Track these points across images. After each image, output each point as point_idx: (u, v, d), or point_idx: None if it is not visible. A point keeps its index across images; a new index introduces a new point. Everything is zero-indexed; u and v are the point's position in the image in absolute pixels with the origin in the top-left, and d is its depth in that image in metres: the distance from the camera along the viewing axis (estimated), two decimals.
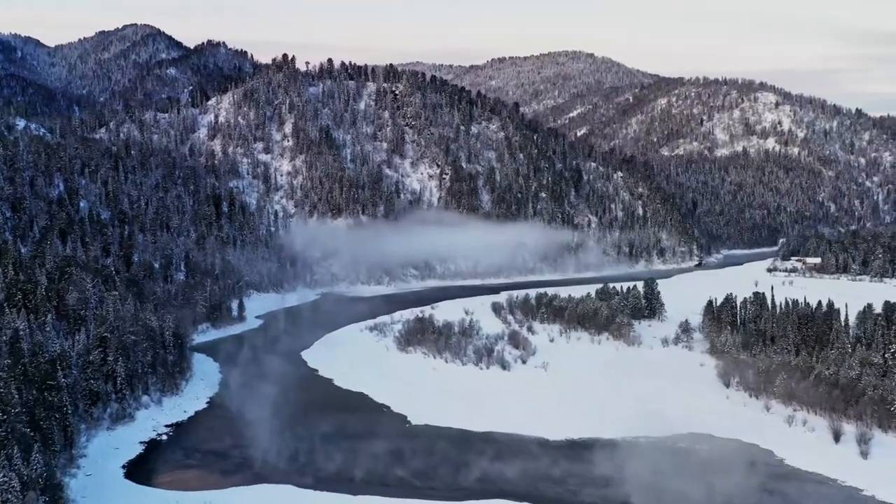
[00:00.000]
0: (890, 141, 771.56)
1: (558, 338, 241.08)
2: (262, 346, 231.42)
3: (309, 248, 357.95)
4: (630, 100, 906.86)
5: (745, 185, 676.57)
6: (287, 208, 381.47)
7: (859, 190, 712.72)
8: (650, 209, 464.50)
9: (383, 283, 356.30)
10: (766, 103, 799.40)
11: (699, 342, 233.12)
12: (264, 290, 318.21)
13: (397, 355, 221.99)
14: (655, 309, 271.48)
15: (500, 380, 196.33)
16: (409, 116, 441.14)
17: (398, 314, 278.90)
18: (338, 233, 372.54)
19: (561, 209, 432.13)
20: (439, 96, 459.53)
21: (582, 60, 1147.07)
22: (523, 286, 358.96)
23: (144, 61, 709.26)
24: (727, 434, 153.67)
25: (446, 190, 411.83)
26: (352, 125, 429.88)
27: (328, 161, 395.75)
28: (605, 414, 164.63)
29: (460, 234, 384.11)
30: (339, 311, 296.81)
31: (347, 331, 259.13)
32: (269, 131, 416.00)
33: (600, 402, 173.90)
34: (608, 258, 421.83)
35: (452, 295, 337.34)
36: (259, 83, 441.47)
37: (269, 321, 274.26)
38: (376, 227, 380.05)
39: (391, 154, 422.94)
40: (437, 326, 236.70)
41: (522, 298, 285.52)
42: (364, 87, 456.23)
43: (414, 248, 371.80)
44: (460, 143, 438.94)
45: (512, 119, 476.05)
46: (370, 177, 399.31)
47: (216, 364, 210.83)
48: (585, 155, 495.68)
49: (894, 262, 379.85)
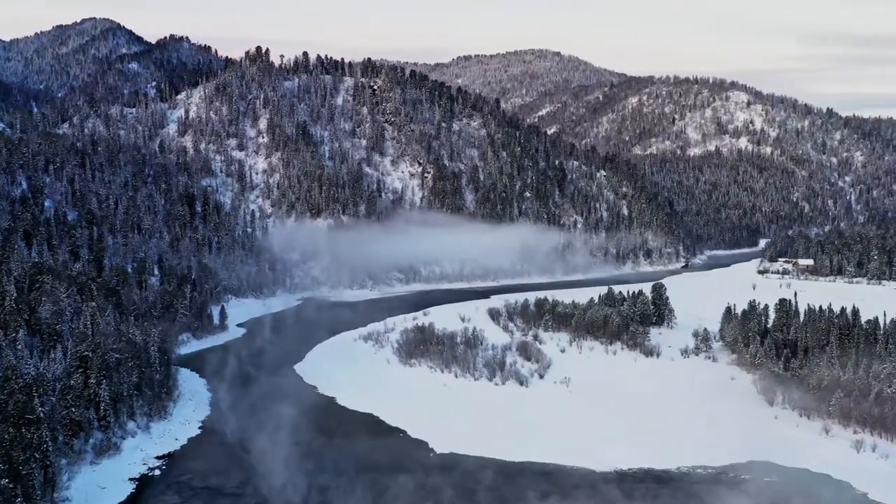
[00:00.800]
0: (861, 141, 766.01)
1: (569, 348, 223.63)
2: (251, 359, 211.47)
3: (288, 251, 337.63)
4: (600, 98, 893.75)
5: (720, 184, 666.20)
6: (264, 208, 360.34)
7: (832, 190, 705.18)
8: (635, 209, 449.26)
9: (367, 287, 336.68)
10: (738, 102, 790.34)
11: (720, 352, 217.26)
12: (243, 295, 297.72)
13: (401, 369, 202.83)
14: (664, 315, 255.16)
15: (519, 398, 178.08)
16: (389, 112, 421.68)
17: (390, 321, 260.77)
18: (318, 234, 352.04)
19: (546, 209, 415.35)
20: (419, 92, 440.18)
21: (549, 59, 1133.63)
22: (513, 289, 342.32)
23: (104, 56, 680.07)
24: (791, 462, 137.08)
25: (429, 189, 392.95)
26: (329, 121, 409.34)
27: (306, 158, 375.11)
28: (648, 439, 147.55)
29: (445, 236, 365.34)
30: (325, 317, 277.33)
31: (340, 340, 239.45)
32: (243, 127, 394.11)
33: (639, 423, 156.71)
34: (595, 260, 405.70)
35: (440, 299, 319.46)
36: (231, 77, 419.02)
37: (253, 330, 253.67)
38: (358, 228, 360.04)
39: (371, 151, 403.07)
40: (440, 336, 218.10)
41: (522, 304, 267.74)
42: (341, 81, 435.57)
43: (397, 250, 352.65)
44: (442, 140, 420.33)
45: (493, 116, 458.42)
46: (350, 175, 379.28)
47: (203, 381, 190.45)
48: (567, 153, 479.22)
49: (891, 264, 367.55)
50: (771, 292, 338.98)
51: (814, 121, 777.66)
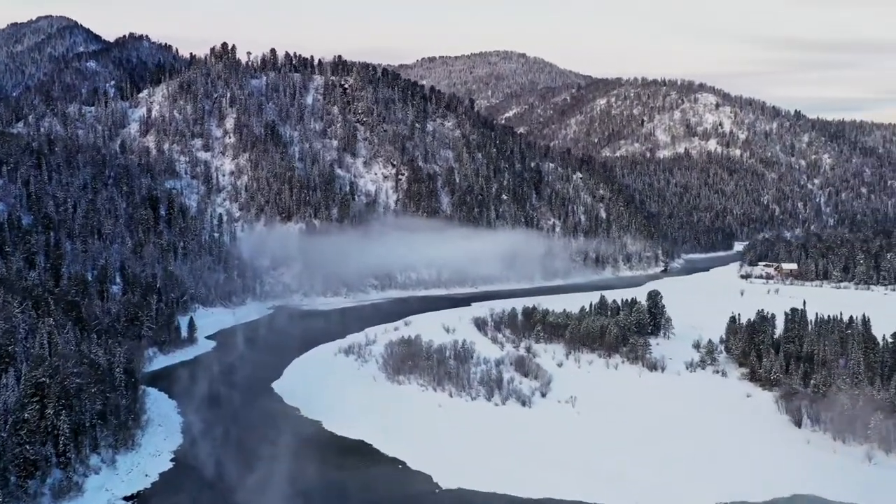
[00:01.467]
0: (828, 143, 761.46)
1: (566, 361, 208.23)
2: (224, 376, 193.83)
3: (258, 256, 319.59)
4: (568, 100, 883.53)
5: (691, 186, 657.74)
6: (231, 211, 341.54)
7: (802, 192, 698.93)
8: (613, 212, 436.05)
9: (341, 295, 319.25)
10: (707, 104, 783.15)
11: (726, 364, 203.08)
12: (212, 304, 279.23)
13: (389, 388, 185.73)
14: (660, 324, 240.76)
15: (522, 420, 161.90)
16: (361, 112, 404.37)
17: (371, 332, 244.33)
18: (289, 239, 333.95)
19: (524, 212, 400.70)
20: (391, 91, 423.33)
21: (514, 60, 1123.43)
22: (493, 296, 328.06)
23: (61, 54, 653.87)
24: (841, 496, 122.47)
25: (403, 192, 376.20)
26: (299, 121, 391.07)
27: (275, 159, 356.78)
28: (675, 469, 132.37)
29: (421, 241, 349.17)
30: (300, 328, 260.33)
31: (318, 354, 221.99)
32: (209, 127, 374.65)
33: (661, 450, 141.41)
34: (575, 265, 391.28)
35: (418, 307, 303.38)
36: (196, 74, 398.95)
37: (224, 342, 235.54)
38: (330, 233, 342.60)
39: (342, 152, 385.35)
40: (428, 350, 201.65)
41: (510, 314, 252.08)
42: (311, 80, 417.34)
43: (372, 255, 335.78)
44: (416, 141, 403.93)
45: (468, 116, 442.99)
46: (322, 177, 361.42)
47: (173, 402, 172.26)
48: (542, 155, 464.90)
49: (879, 269, 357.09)
50: (759, 298, 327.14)
51: (782, 123, 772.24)
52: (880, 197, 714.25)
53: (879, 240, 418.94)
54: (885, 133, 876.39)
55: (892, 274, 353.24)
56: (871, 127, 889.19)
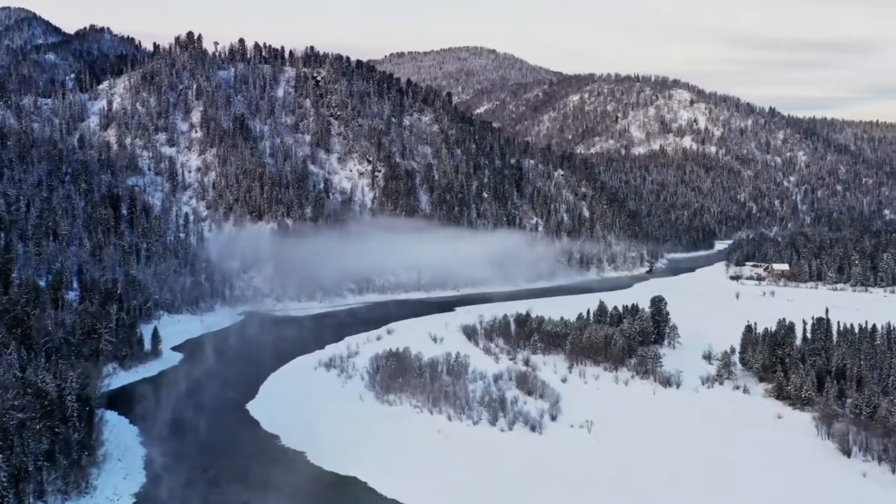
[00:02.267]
0: (803, 141, 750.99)
1: (569, 375, 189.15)
2: (192, 396, 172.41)
3: (227, 259, 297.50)
4: (540, 96, 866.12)
5: (668, 184, 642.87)
6: (198, 210, 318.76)
7: (778, 190, 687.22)
8: (596, 211, 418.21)
9: (316, 299, 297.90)
10: (681, 101, 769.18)
11: (744, 378, 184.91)
12: (177, 311, 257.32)
13: (378, 409, 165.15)
14: (664, 333, 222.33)
15: (535, 449, 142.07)
16: (334, 106, 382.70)
17: (352, 342, 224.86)
18: (260, 239, 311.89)
19: (505, 211, 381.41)
20: (366, 84, 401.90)
21: (484, 56, 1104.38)
22: (477, 300, 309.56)
23: (19, 47, 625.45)
24: None
25: (380, 189, 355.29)
26: (269, 115, 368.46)
27: (244, 155, 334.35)
28: None
29: (400, 241, 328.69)
30: (274, 337, 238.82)
31: (297, 368, 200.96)
32: (174, 120, 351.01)
33: (695, 486, 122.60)
34: (559, 266, 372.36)
35: (399, 312, 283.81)
36: (160, 65, 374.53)
37: (192, 355, 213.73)
38: (304, 233, 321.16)
39: (316, 148, 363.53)
40: (419, 365, 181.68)
41: (502, 322, 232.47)
42: (281, 72, 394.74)
43: (348, 257, 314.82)
44: (392, 136, 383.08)
45: (446, 110, 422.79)
46: (294, 174, 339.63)
47: (134, 430, 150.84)
48: (521, 151, 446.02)
49: (875, 270, 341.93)
50: (755, 301, 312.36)
51: (756, 120, 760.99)
52: (855, 195, 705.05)
53: (868, 238, 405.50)
54: (857, 130, 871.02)
55: (890, 275, 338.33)
56: (841, 125, 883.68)
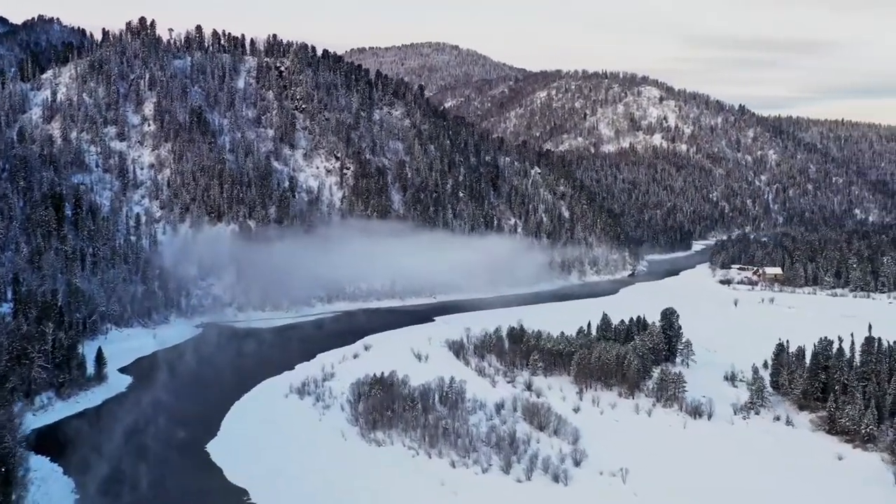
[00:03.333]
0: (773, 139, 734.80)
1: (580, 403, 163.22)
2: (142, 433, 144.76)
3: (183, 264, 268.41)
4: (506, 92, 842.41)
5: (639, 183, 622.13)
6: (151, 211, 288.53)
7: (750, 189, 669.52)
8: (576, 211, 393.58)
9: (281, 308, 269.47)
10: (650, 98, 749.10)
11: (780, 406, 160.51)
12: (127, 323, 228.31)
13: (365, 450, 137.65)
14: (676, 349, 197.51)
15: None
16: (299, 98, 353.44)
17: (326, 360, 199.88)
18: (219, 243, 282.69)
19: (482, 212, 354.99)
20: (333, 75, 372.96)
21: (447, 52, 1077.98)
22: (456, 308, 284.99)
23: None
24: None
25: (350, 188, 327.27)
26: (229, 107, 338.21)
27: (202, 151, 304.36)
28: None
29: (372, 244, 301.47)
30: (236, 355, 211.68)
31: (264, 395, 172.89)
32: (125, 113, 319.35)
33: None
34: (540, 270, 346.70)
35: (373, 323, 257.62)
36: (110, 53, 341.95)
37: (142, 378, 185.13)
38: (268, 236, 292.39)
39: (279, 143, 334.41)
40: (410, 395, 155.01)
41: (494, 337, 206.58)
42: (242, 61, 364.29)
43: (316, 261, 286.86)
44: (361, 131, 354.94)
45: (418, 104, 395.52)
46: (256, 171, 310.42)
47: (68, 483, 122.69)
48: (496, 147, 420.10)
49: (876, 275, 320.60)
50: (754, 308, 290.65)
51: (727, 118, 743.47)
52: (826, 194, 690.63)
53: (857, 240, 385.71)
54: (822, 129, 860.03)
55: (892, 280, 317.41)
56: (807, 123, 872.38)
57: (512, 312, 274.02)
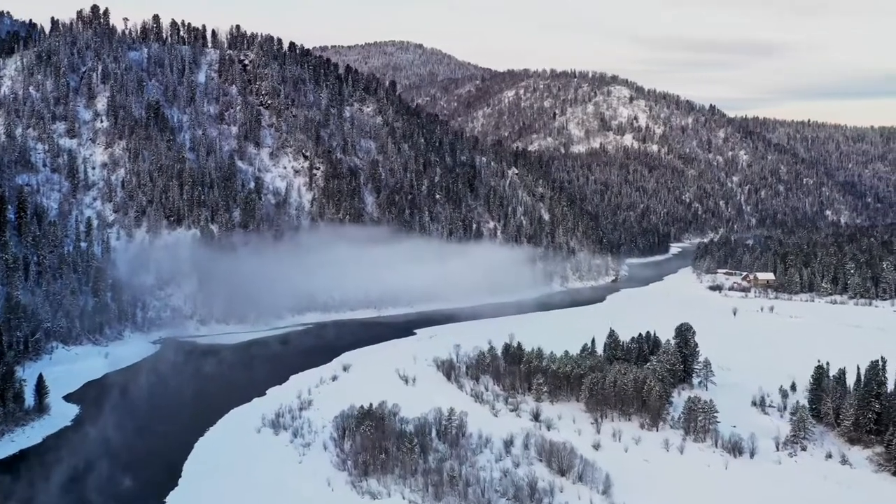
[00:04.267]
0: (744, 140, 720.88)
1: (598, 437, 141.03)
2: (84, 481, 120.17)
3: (139, 273, 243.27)
4: (473, 91, 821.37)
5: (611, 184, 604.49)
6: (104, 215, 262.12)
7: (723, 190, 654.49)
8: (556, 214, 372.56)
9: (248, 321, 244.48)
10: (620, 97, 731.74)
11: (825, 438, 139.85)
12: (76, 341, 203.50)
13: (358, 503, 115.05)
14: (692, 369, 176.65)
15: None
16: (265, 93, 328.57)
17: (301, 384, 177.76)
18: (179, 250, 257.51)
19: (460, 215, 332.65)
20: (301, 69, 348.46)
21: (411, 51, 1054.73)
22: (436, 319, 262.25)
23: None
24: None
25: (320, 190, 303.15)
26: (189, 102, 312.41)
27: (160, 149, 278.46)
28: None
29: (345, 251, 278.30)
30: (199, 377, 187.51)
31: (233, 429, 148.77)
32: (75, 107, 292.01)
33: None
34: (521, 277, 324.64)
35: (350, 337, 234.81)
36: (59, 43, 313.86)
37: (91, 408, 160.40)
38: (232, 242, 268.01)
39: (244, 141, 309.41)
40: (402, 428, 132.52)
41: (488, 356, 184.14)
42: (203, 54, 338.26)
43: (285, 269, 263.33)
44: (332, 129, 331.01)
45: (390, 100, 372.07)
46: (219, 171, 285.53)
47: None
48: (472, 146, 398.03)
49: (876, 281, 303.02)
50: (755, 318, 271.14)
51: (697, 118, 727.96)
52: (797, 195, 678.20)
53: (844, 243, 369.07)
54: (789, 130, 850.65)
55: (894, 286, 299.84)
56: (773, 124, 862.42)
57: (498, 324, 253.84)
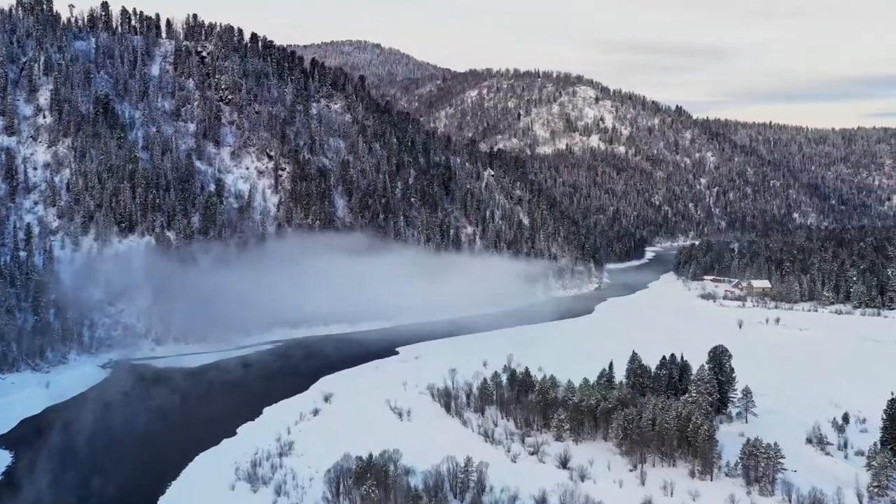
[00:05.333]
0: (710, 141, 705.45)
1: (643, 489, 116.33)
2: None
3: (86, 287, 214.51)
4: (434, 91, 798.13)
5: (579, 185, 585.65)
6: (46, 221, 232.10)
7: (692, 193, 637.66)
8: (536, 218, 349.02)
9: (210, 339, 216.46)
10: (586, 98, 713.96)
11: None
12: (12, 367, 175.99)
13: None
14: (728, 398, 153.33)
15: None
16: (225, 88, 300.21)
17: (276, 419, 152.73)
18: (132, 260, 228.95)
19: (437, 220, 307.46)
20: (264, 62, 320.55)
21: (369, 50, 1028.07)
22: (418, 334, 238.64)
23: None
24: None
25: (287, 192, 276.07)
26: (142, 97, 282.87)
27: (110, 148, 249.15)
28: None
29: (316, 259, 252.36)
30: (155, 410, 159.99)
31: (201, 486, 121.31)
32: (14, 102, 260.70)
33: None
34: (504, 286, 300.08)
35: (325, 358, 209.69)
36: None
37: (25, 456, 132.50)
38: (191, 250, 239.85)
39: (202, 140, 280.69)
40: (410, 484, 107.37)
41: (493, 385, 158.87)
42: (157, 45, 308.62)
43: (250, 280, 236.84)
44: (298, 126, 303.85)
45: (359, 97, 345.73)
46: (176, 172, 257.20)
47: None
48: (444, 146, 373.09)
49: (882, 289, 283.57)
50: (762, 332, 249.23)
51: (664, 119, 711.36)
52: (764, 197, 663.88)
53: (831, 247, 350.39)
54: (751, 132, 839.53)
55: None
56: (735, 125, 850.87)
57: (487, 340, 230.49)
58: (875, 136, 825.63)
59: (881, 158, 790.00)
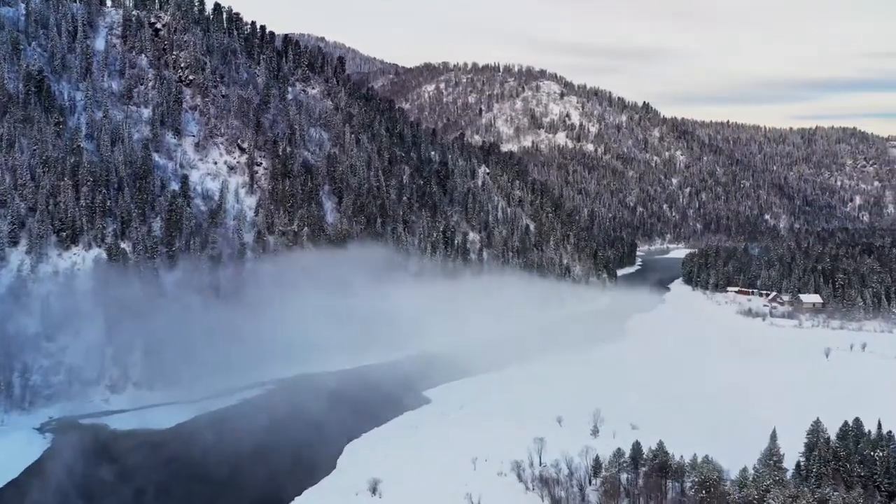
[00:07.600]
0: (679, 140, 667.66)
1: None
2: None
3: (15, 316, 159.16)
4: (388, 86, 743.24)
5: (551, 185, 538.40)
6: None
7: (666, 193, 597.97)
8: (543, 222, 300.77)
9: (181, 385, 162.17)
10: (550, 93, 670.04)
11: None
12: None
13: None
14: None
15: None
16: (185, 67, 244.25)
17: None
18: (77, 280, 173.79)
19: (438, 223, 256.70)
20: (230, 38, 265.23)
21: (312, 44, 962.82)
22: (439, 367, 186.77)
23: None
24: None
25: (266, 193, 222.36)
26: (84, 76, 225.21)
27: (45, 136, 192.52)
28: None
29: (308, 275, 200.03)
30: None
31: None
32: None
33: None
34: (515, 299, 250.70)
35: (333, 413, 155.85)
36: None
37: None
38: (152, 267, 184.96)
39: (160, 127, 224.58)
40: None
41: (615, 463, 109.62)
42: (101, 14, 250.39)
43: (229, 304, 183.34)
44: (273, 113, 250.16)
45: (340, 81, 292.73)
46: (130, 167, 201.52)
47: None
48: (429, 140, 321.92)
49: None
50: (849, 361, 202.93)
51: (631, 116, 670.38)
52: (736, 198, 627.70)
53: (856, 254, 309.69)
54: (709, 131, 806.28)
55: None
56: (693, 124, 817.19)
57: (534, 376, 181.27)
58: (834, 135, 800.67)
59: (842, 158, 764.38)
